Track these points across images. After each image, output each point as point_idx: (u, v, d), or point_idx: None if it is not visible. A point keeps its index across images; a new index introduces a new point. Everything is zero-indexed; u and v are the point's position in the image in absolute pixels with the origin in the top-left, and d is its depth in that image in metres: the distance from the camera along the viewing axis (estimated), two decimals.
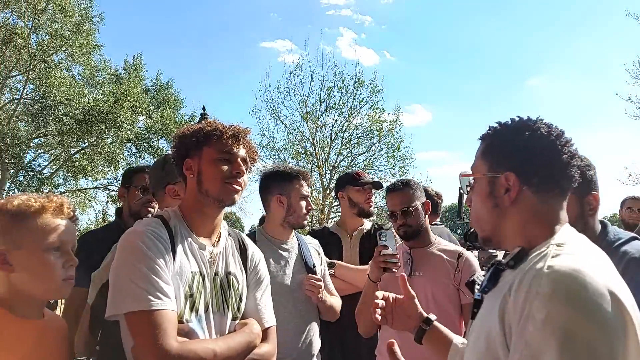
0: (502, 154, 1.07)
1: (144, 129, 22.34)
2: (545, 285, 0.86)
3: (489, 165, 1.09)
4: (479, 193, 1.11)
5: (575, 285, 0.84)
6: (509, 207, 1.04)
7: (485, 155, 1.11)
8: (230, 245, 1.60)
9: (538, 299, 0.85)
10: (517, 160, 1.04)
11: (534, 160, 1.03)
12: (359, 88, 16.41)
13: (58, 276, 1.27)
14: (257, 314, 1.56)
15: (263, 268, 1.68)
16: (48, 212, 1.28)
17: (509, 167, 1.04)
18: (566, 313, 0.82)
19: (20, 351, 1.22)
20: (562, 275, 0.86)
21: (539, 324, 0.83)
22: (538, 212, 1.03)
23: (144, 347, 1.24)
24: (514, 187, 1.03)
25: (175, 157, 1.53)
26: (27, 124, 19.29)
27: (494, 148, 1.10)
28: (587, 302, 0.83)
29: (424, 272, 2.18)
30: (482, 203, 1.10)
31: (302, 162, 16.20)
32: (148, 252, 1.31)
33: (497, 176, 1.05)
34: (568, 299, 0.83)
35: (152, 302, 1.25)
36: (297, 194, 2.29)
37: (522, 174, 1.03)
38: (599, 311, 0.82)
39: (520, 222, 1.04)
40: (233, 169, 1.47)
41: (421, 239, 2.27)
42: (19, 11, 16.49)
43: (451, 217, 27.92)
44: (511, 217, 1.05)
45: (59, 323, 1.43)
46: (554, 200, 1.04)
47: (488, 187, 1.08)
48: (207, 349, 1.31)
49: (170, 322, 1.27)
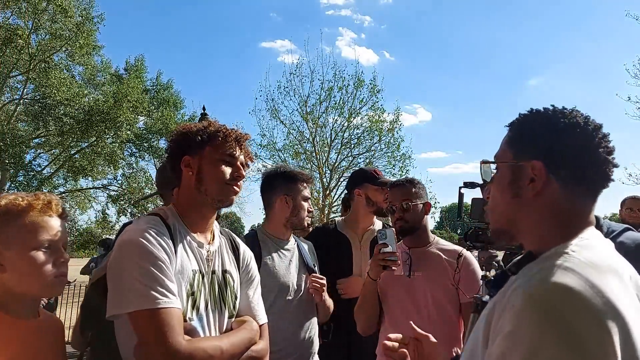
0: (531, 141, 0.97)
1: (144, 129, 22.34)
2: (519, 299, 0.79)
3: (514, 153, 1.00)
4: (500, 182, 1.02)
5: (554, 302, 0.76)
6: (531, 199, 0.95)
7: (511, 142, 1.02)
8: (224, 244, 1.61)
9: (510, 312, 0.80)
10: (547, 149, 0.94)
11: (566, 151, 0.93)
12: (359, 88, 16.43)
13: (49, 274, 1.26)
14: (250, 311, 1.57)
15: (254, 266, 1.69)
16: (35, 210, 1.27)
17: (537, 155, 0.95)
18: (531, 330, 0.75)
19: (12, 350, 1.20)
20: (541, 291, 0.79)
21: (505, 336, 0.79)
22: (559, 210, 0.94)
23: (152, 346, 1.23)
24: (540, 177, 0.94)
25: (173, 151, 1.52)
26: (27, 124, 19.28)
27: (522, 135, 1.01)
28: (559, 323, 0.74)
29: (423, 272, 2.18)
30: (501, 192, 1.02)
31: (302, 162, 16.21)
32: (152, 249, 1.30)
33: (523, 164, 0.96)
34: (539, 316, 0.76)
35: (158, 300, 1.24)
36: (301, 196, 2.31)
37: (551, 163, 0.93)
38: (572, 335, 0.74)
39: (538, 219, 0.95)
40: (234, 172, 1.48)
41: (420, 239, 2.27)
42: (19, 11, 16.49)
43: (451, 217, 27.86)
44: (531, 210, 0.96)
45: (55, 323, 1.42)
46: (580, 198, 0.95)
47: (511, 176, 0.99)
48: (215, 346, 1.31)
49: (178, 320, 1.26)
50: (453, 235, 21.17)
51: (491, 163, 1.06)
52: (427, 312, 2.12)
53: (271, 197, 2.34)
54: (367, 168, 2.93)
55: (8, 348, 1.20)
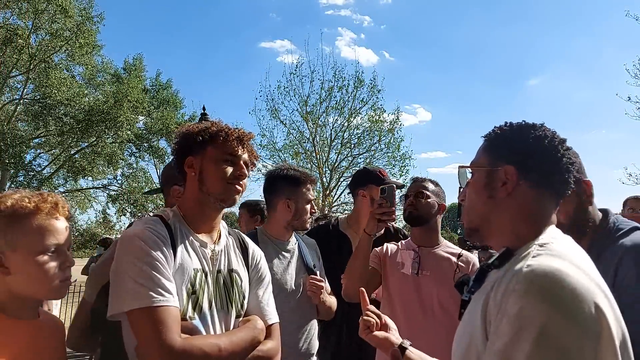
0: (505, 149, 1.09)
1: (144, 129, 22.36)
2: (521, 283, 0.87)
3: (489, 159, 1.11)
4: (476, 184, 1.13)
5: (551, 283, 0.85)
6: (504, 199, 1.07)
7: (487, 149, 1.14)
8: (231, 243, 1.60)
9: (513, 295, 0.87)
10: (519, 155, 1.06)
11: (535, 157, 1.05)
12: (359, 88, 16.44)
13: (54, 278, 1.25)
14: (260, 311, 1.56)
15: (264, 266, 1.68)
16: (43, 213, 1.25)
17: (509, 161, 1.07)
18: (539, 308, 0.83)
19: (11, 351, 1.20)
20: (538, 274, 0.88)
21: (512, 318, 0.85)
22: (530, 210, 1.05)
23: (147, 344, 1.23)
24: (512, 179, 1.06)
25: (177, 153, 1.53)
26: (27, 124, 19.30)
27: (497, 143, 1.12)
28: (561, 300, 0.84)
29: (430, 272, 2.20)
30: (476, 194, 1.12)
31: (302, 162, 16.21)
32: (147, 249, 1.30)
33: (497, 169, 1.08)
34: (542, 296, 0.84)
35: (153, 299, 1.24)
36: (303, 199, 2.28)
37: (522, 168, 1.05)
38: (574, 310, 0.83)
39: (511, 218, 1.06)
40: (236, 171, 1.48)
41: (430, 239, 2.29)
42: (19, 11, 16.51)
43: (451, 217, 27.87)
44: (503, 210, 1.07)
45: (56, 323, 1.42)
46: (547, 200, 1.07)
47: (486, 179, 1.10)
48: (212, 344, 1.30)
49: (173, 318, 1.26)
50: (453, 235, 21.19)
51: (468, 168, 1.18)
52: (432, 312, 2.13)
53: (273, 199, 2.32)
54: (371, 168, 2.85)
55: (8, 349, 1.19)
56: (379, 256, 2.34)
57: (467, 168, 1.19)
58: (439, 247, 2.29)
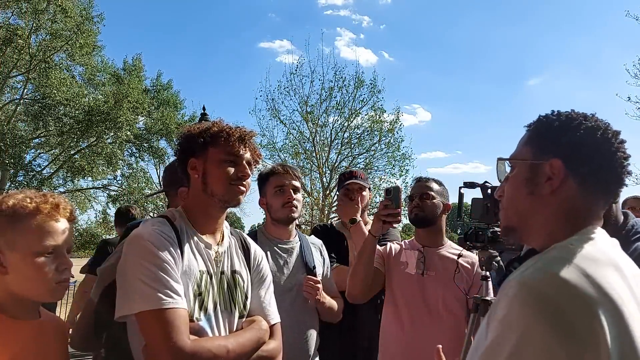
0: (551, 140, 0.98)
1: (144, 130, 22.34)
2: (514, 287, 0.83)
3: (533, 152, 1.01)
4: (516, 179, 1.02)
5: (540, 289, 0.80)
6: (547, 196, 0.96)
7: (530, 141, 1.03)
8: (234, 244, 1.61)
9: (504, 299, 0.83)
10: (567, 147, 0.96)
11: (585, 150, 0.95)
12: (359, 88, 16.44)
13: (51, 280, 1.24)
14: (262, 311, 1.57)
15: (265, 266, 1.68)
16: (43, 214, 1.24)
17: (556, 154, 0.96)
18: (522, 314, 0.79)
19: (12, 352, 1.19)
20: (532, 278, 0.82)
21: (496, 323, 0.82)
22: (573, 208, 0.95)
23: (157, 346, 1.23)
24: (559, 174, 0.95)
25: (180, 156, 1.53)
26: (27, 124, 19.28)
27: (541, 134, 1.01)
28: (546, 307, 0.78)
29: (435, 273, 2.20)
30: (516, 189, 1.02)
31: (302, 162, 16.22)
32: (156, 250, 1.30)
33: (542, 162, 0.97)
34: (528, 301, 0.80)
35: (163, 301, 1.25)
36: (271, 191, 2.27)
37: (571, 162, 0.95)
38: (557, 319, 0.77)
39: (550, 216, 0.97)
40: (239, 171, 1.47)
41: (435, 239, 2.29)
42: (19, 11, 16.50)
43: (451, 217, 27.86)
44: (545, 207, 0.97)
45: (57, 323, 1.41)
46: (595, 198, 0.96)
47: (528, 174, 1.00)
48: (220, 346, 1.31)
49: (183, 320, 1.26)
50: (453, 236, 21.16)
51: (510, 160, 1.06)
52: (437, 312, 2.13)
53: (260, 201, 2.38)
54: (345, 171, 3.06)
55: (8, 349, 1.19)
56: (382, 256, 2.33)
57: (506, 161, 1.08)
58: (444, 247, 2.29)
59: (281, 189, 2.26)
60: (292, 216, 2.25)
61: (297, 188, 2.29)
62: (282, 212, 2.24)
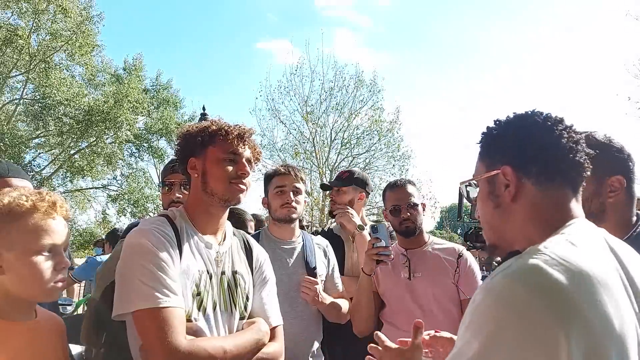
0: (497, 149, 1.01)
1: (144, 129, 22.35)
2: (479, 294, 0.83)
3: (486, 165, 1.03)
4: (482, 197, 1.04)
5: (514, 282, 0.79)
6: (511, 204, 0.97)
7: (481, 156, 1.05)
8: (235, 245, 1.60)
9: (481, 292, 0.83)
10: (511, 151, 0.97)
11: (528, 148, 0.95)
12: (359, 88, 16.44)
13: (48, 279, 1.22)
14: (263, 313, 1.56)
15: (268, 268, 1.67)
16: (40, 212, 1.21)
17: (504, 161, 0.97)
18: (494, 306, 0.79)
19: (6, 356, 1.17)
20: (509, 273, 0.81)
21: (469, 315, 0.83)
22: (540, 207, 0.95)
23: (152, 345, 1.23)
24: (512, 180, 0.96)
25: (179, 156, 1.53)
26: (27, 124, 19.30)
27: (489, 146, 1.04)
28: (516, 300, 0.77)
29: (422, 273, 2.17)
30: (485, 206, 1.03)
31: (302, 162, 16.20)
32: (154, 249, 1.30)
33: (495, 173, 0.98)
34: (500, 293, 0.79)
35: (159, 300, 1.24)
36: (272, 191, 2.30)
37: (518, 164, 0.96)
38: (526, 311, 0.76)
39: (522, 221, 0.96)
40: (238, 170, 1.47)
41: (417, 240, 2.26)
42: (19, 11, 16.51)
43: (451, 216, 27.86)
44: (513, 216, 0.97)
45: (54, 322, 1.38)
46: (558, 191, 0.95)
47: (489, 188, 1.01)
48: (217, 346, 1.30)
49: (179, 319, 1.26)
50: (453, 236, 21.18)
51: (467, 181, 1.09)
52: (431, 312, 2.10)
53: (263, 200, 2.41)
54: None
55: (3, 353, 1.17)
56: None
57: (466, 182, 1.10)
58: (427, 245, 2.25)
59: (281, 190, 2.27)
60: (290, 217, 2.26)
61: (299, 190, 2.30)
62: (281, 213, 2.26)
